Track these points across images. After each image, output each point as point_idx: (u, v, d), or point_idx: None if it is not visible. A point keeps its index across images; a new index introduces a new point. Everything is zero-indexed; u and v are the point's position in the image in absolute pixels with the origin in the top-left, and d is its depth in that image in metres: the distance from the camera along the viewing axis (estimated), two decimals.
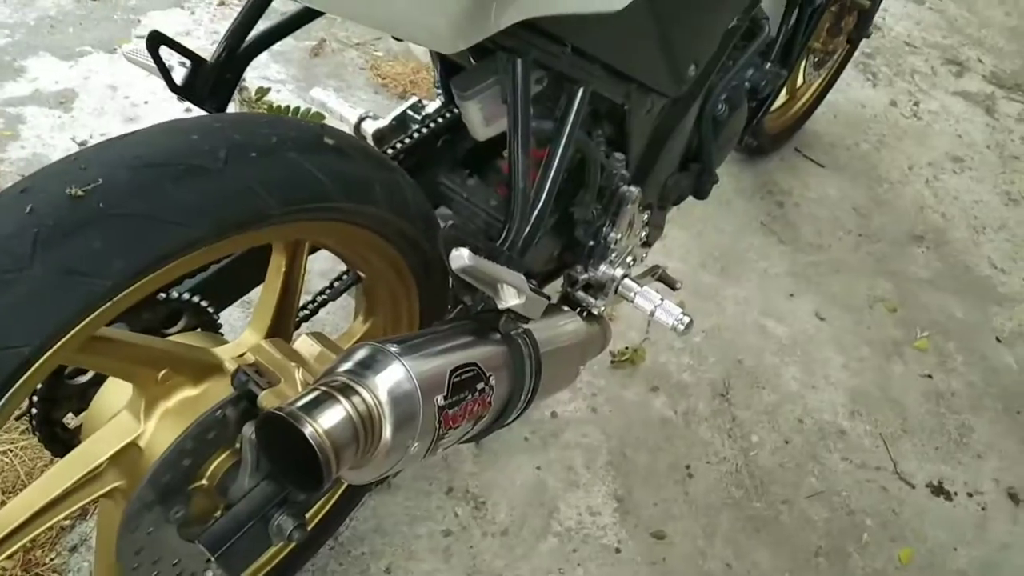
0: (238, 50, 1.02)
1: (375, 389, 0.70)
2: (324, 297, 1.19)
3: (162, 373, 0.87)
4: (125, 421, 0.90)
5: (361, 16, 0.66)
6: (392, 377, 0.71)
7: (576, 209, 1.05)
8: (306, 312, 1.27)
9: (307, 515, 0.98)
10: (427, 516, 1.42)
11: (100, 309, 0.70)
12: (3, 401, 0.66)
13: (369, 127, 1.28)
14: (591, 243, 1.11)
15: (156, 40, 0.94)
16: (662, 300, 1.12)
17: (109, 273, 0.68)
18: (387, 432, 0.70)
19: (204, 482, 0.94)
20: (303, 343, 0.93)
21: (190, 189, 0.72)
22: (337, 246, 0.99)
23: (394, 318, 1.11)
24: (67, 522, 1.31)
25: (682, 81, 1.08)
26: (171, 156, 0.73)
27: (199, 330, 1.07)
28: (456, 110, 1.23)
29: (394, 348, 0.73)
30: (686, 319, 1.10)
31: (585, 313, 1.15)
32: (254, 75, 2.13)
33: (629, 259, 1.22)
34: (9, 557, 1.29)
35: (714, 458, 1.64)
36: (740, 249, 2.08)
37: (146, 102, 1.97)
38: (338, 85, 2.18)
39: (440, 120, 1.23)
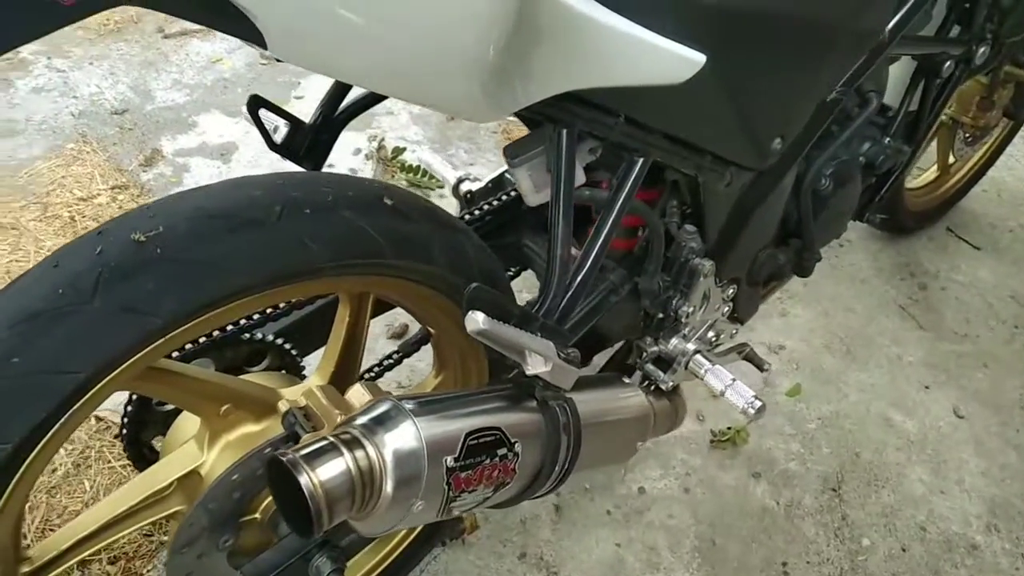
0: (333, 114, 1.10)
1: (381, 445, 0.72)
2: (398, 354, 1.23)
3: (224, 408, 0.93)
4: (191, 449, 0.97)
5: (396, 91, 0.69)
6: (400, 435, 0.72)
7: (641, 279, 1.03)
8: (390, 362, 1.32)
9: (351, 560, 1.00)
10: None
11: (154, 344, 0.77)
12: (63, 420, 0.74)
13: (465, 188, 1.33)
14: (660, 315, 1.08)
15: (256, 103, 1.04)
16: (734, 380, 1.06)
17: (160, 312, 0.74)
18: (388, 488, 0.71)
19: (257, 516, 0.99)
20: (355, 391, 0.97)
21: (243, 240, 0.78)
22: (403, 301, 1.03)
23: (463, 374, 1.13)
24: (167, 536, 1.42)
25: (765, 155, 1.04)
26: (230, 209, 0.80)
27: (282, 371, 1.15)
28: None
29: (410, 406, 0.75)
30: (757, 404, 1.04)
31: (652, 387, 1.12)
32: (393, 135, 2.28)
33: (710, 335, 1.18)
34: (112, 563, 1.40)
35: (816, 558, 1.50)
36: (871, 332, 1.93)
37: (332, 164, 2.14)
38: (468, 147, 2.28)
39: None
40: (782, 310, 1.95)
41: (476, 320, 0.71)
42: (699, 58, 0.87)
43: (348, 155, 2.19)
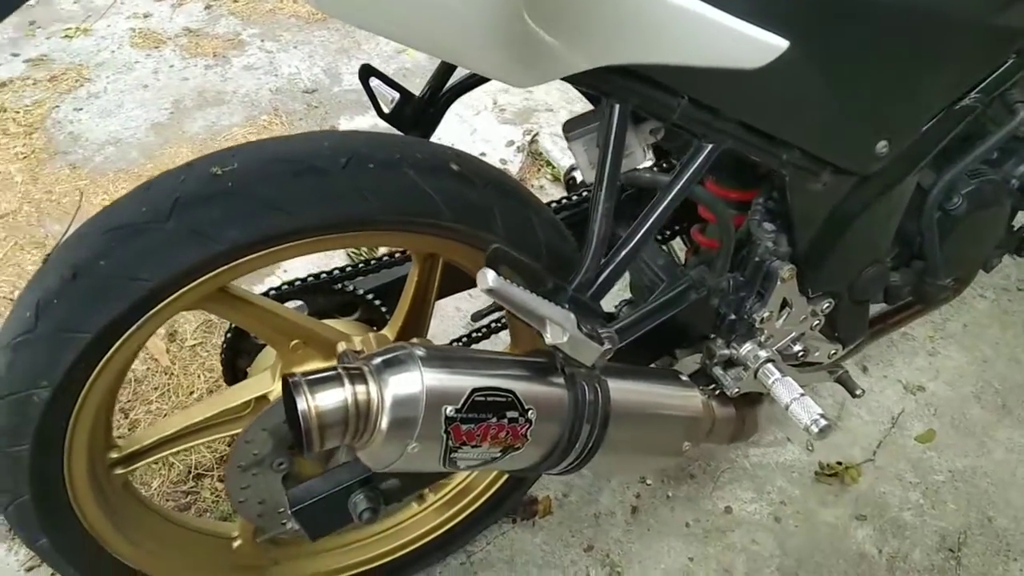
0: (441, 89, 1.16)
1: (383, 384, 0.75)
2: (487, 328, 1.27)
3: (294, 343, 1.02)
4: (265, 377, 1.07)
5: (427, 47, 0.72)
6: (403, 378, 0.76)
7: (709, 274, 0.99)
8: (478, 335, 1.37)
9: (396, 503, 1.04)
10: (559, 566, 1.40)
11: (218, 268, 0.86)
12: (139, 324, 0.86)
13: (572, 174, 1.35)
14: (733, 317, 1.03)
15: (367, 72, 1.12)
16: (802, 395, 0.99)
17: (223, 239, 0.83)
18: (383, 425, 0.75)
19: None
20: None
21: (305, 184, 0.86)
22: (470, 269, 1.06)
23: (531, 347, 1.15)
24: None
25: (867, 158, 0.96)
26: (300, 155, 0.87)
27: (373, 326, 1.22)
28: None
29: (421, 353, 0.78)
30: (823, 422, 0.96)
31: (718, 392, 1.07)
32: (549, 131, 2.32)
33: (796, 348, 1.10)
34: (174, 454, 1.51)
35: None
36: None
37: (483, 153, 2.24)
38: None
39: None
40: (931, 349, 1.77)
41: (487, 278, 0.73)
42: (780, 43, 0.83)
43: (501, 146, 2.27)
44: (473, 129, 2.33)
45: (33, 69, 2.49)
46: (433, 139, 1.11)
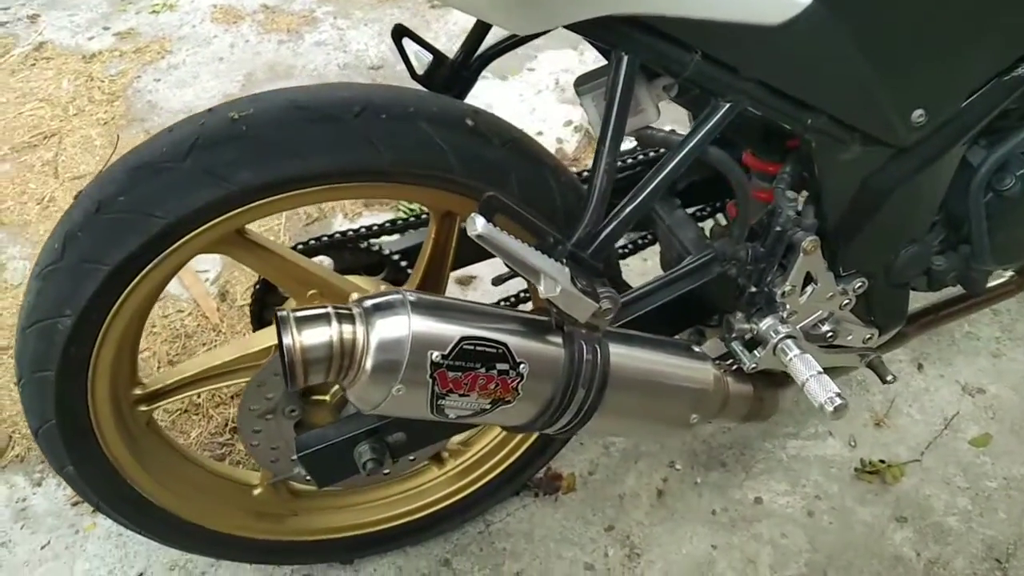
0: (474, 53, 1.16)
1: (370, 326, 0.76)
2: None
3: (311, 292, 1.04)
4: None
5: None
6: (390, 321, 0.76)
7: (724, 242, 0.96)
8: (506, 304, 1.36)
9: (402, 458, 1.05)
10: (578, 543, 1.38)
11: (232, 211, 0.88)
12: (156, 262, 0.89)
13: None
14: (753, 289, 0.99)
15: (400, 32, 1.13)
16: (820, 372, 0.95)
17: (234, 180, 0.86)
18: (367, 365, 0.76)
19: (327, 398, 1.09)
20: None
21: (318, 131, 0.87)
22: None
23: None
24: None
25: (902, 128, 0.91)
26: (315, 103, 0.89)
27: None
28: None
29: (412, 298, 0.78)
30: (838, 401, 0.91)
31: (735, 367, 1.03)
32: None
33: (824, 328, 1.06)
34: (216, 407, 1.57)
35: None
36: None
37: (540, 132, 2.24)
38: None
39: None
40: (996, 350, 1.67)
41: (476, 223, 0.73)
42: None
43: (559, 126, 2.25)
44: (533, 108, 2.32)
45: (121, 41, 2.62)
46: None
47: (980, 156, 1.02)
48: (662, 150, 1.23)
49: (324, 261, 1.18)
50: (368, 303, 0.79)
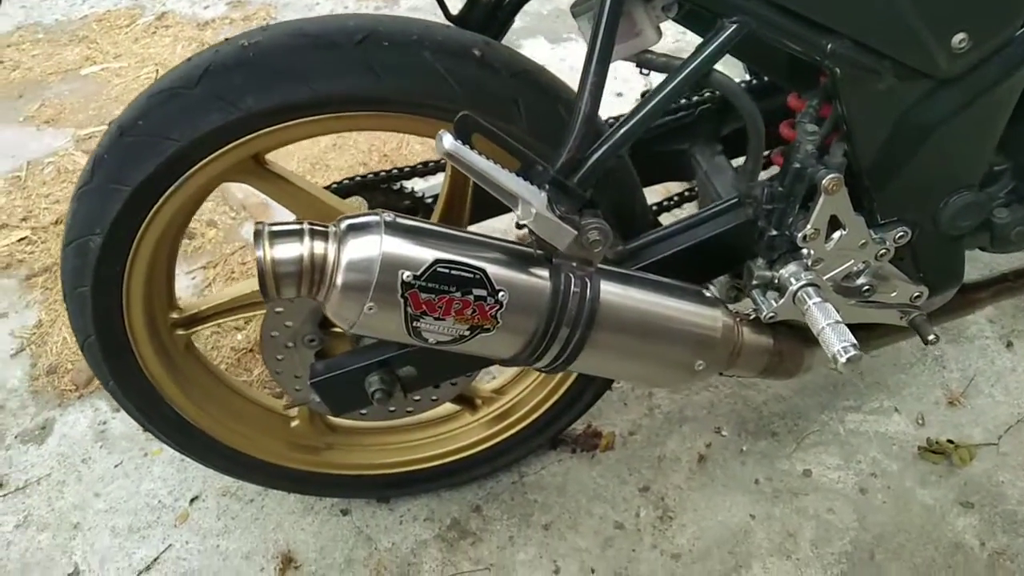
0: None
1: (343, 243, 0.77)
2: None
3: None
4: None
5: None
6: (363, 240, 0.77)
7: (736, 179, 0.90)
8: None
9: (410, 391, 1.06)
10: (610, 500, 1.36)
11: (244, 137, 0.92)
12: (176, 186, 0.94)
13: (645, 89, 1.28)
14: (772, 232, 0.93)
15: None
16: (839, 322, 0.88)
17: (242, 105, 0.89)
18: (338, 281, 0.77)
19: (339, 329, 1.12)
20: None
21: (320, 57, 0.89)
22: None
23: None
24: None
25: (942, 56, 0.82)
26: (321, 31, 0.91)
27: None
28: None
29: (388, 219, 0.79)
30: (853, 352, 0.84)
31: (752, 316, 0.97)
32: None
33: (860, 281, 0.98)
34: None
35: None
36: None
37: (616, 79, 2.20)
38: None
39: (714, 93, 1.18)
40: None
41: (443, 140, 0.72)
42: None
43: (640, 87, 2.19)
44: (615, 71, 2.27)
45: (232, 10, 2.77)
46: None
47: None
48: (706, 93, 1.18)
49: (356, 201, 1.20)
50: (345, 223, 0.80)
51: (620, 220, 1.07)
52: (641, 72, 0.91)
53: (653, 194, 1.24)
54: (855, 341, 0.86)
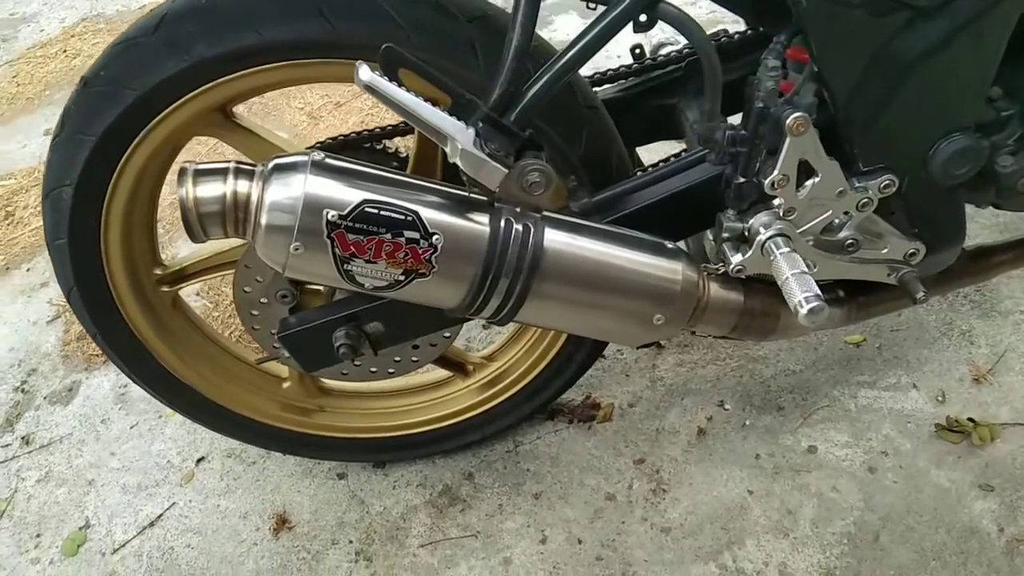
0: None
1: (267, 182, 0.76)
2: None
3: None
4: None
5: None
6: (287, 179, 0.76)
7: (698, 120, 0.85)
8: None
9: (374, 347, 1.05)
10: (603, 472, 1.32)
11: (201, 86, 0.92)
12: (141, 136, 0.95)
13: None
14: (740, 180, 0.87)
15: None
16: (804, 272, 0.82)
17: (194, 53, 0.90)
18: (262, 220, 0.76)
19: (321, 288, 1.12)
20: None
21: (270, 3, 0.89)
22: None
23: None
24: None
25: None
26: None
27: None
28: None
29: (317, 158, 0.78)
30: (815, 303, 0.78)
31: (721, 271, 0.92)
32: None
33: (842, 235, 0.91)
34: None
35: None
36: None
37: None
38: None
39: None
40: None
41: (360, 72, 0.70)
42: None
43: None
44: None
45: None
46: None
47: None
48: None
49: None
50: (272, 162, 0.80)
51: (593, 172, 1.04)
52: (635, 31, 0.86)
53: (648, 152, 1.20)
54: (819, 292, 0.80)
